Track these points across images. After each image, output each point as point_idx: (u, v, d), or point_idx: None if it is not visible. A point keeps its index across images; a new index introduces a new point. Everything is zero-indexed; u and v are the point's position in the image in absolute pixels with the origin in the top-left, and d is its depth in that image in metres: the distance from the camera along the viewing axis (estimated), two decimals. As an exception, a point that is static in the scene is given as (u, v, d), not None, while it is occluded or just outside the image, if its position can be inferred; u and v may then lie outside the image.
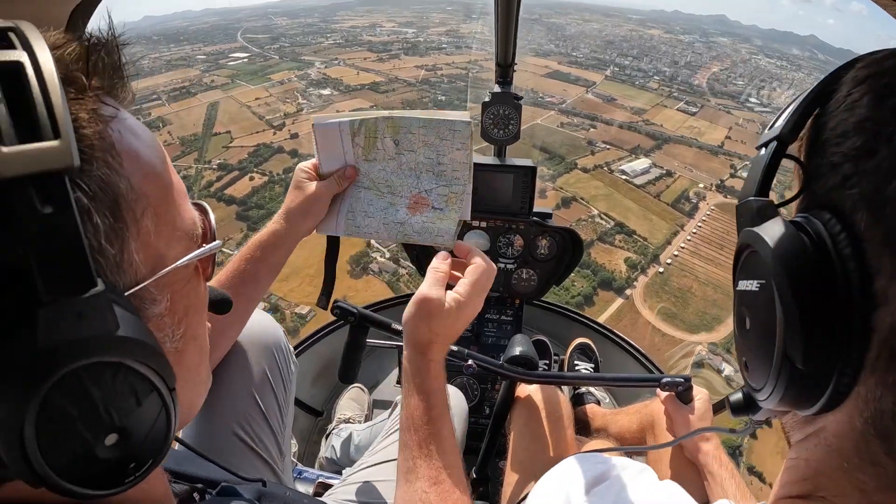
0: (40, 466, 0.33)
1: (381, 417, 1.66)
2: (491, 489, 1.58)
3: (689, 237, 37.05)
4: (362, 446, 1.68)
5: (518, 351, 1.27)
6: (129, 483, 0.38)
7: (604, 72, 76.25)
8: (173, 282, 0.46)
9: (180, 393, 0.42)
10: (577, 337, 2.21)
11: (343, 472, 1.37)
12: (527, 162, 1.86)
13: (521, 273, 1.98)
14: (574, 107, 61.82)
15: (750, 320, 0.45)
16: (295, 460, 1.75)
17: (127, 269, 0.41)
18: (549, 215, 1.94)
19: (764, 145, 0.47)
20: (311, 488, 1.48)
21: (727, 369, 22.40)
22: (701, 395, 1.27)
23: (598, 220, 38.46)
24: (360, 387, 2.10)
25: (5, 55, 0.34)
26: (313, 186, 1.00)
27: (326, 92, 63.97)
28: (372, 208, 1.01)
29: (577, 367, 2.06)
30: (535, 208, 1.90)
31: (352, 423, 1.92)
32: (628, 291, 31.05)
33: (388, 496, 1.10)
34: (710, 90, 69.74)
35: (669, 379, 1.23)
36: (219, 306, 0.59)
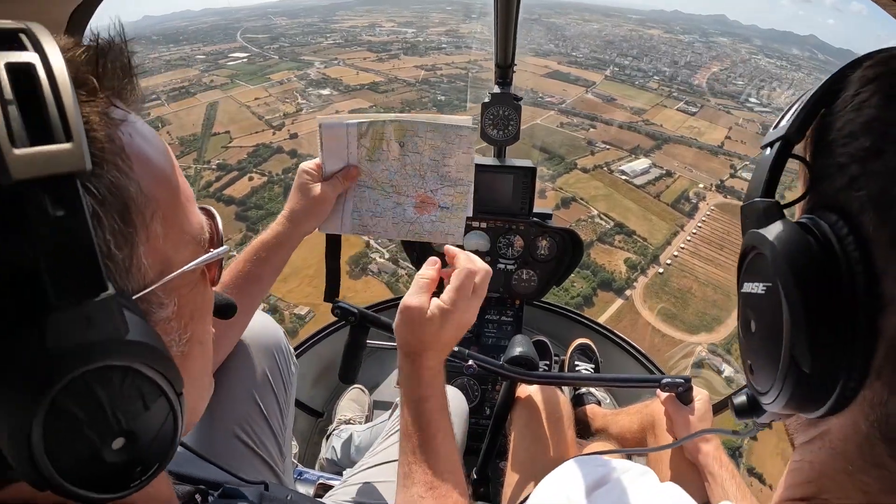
0: (47, 469, 0.33)
1: (382, 418, 1.66)
2: (492, 490, 1.58)
3: (688, 237, 37.01)
4: (363, 447, 1.68)
5: (518, 351, 1.27)
6: (135, 486, 0.38)
7: (603, 72, 76.24)
8: (180, 286, 0.46)
9: (185, 397, 0.42)
10: (578, 337, 2.21)
11: (343, 473, 1.37)
12: (527, 162, 1.86)
13: (521, 274, 1.98)
14: (574, 107, 61.80)
15: (755, 323, 0.45)
16: (295, 461, 1.75)
17: (135, 273, 0.41)
18: (549, 216, 1.95)
19: (769, 145, 0.46)
20: (311, 489, 1.48)
21: (727, 370, 22.39)
22: (701, 396, 1.27)
23: (597, 220, 38.42)
24: (360, 388, 2.10)
25: (17, 56, 0.33)
26: (318, 188, 1.00)
27: (326, 92, 63.92)
28: (379, 208, 1.04)
29: (577, 368, 2.06)
30: (534, 209, 1.91)
31: (352, 424, 1.92)
32: (628, 292, 31.02)
33: (388, 497, 1.10)
34: (710, 90, 69.77)
35: (670, 380, 1.23)
36: (223, 311, 0.59)
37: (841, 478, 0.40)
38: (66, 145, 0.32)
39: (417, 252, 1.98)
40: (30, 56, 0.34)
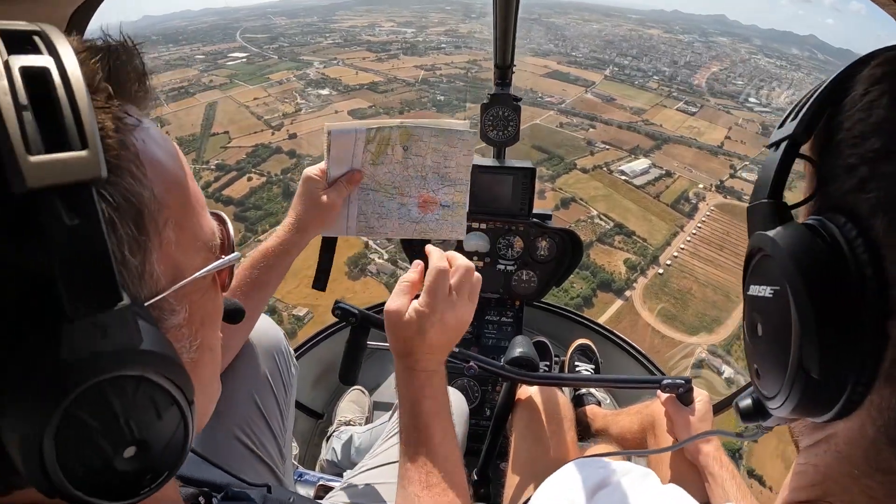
0: (57, 477, 0.33)
1: (382, 420, 1.66)
2: (492, 491, 1.57)
3: (688, 238, 37.03)
4: (363, 448, 1.68)
5: (519, 352, 1.27)
6: (145, 494, 0.38)
7: (603, 71, 76.30)
8: (192, 292, 0.46)
9: (195, 403, 0.42)
10: (578, 338, 2.21)
11: (344, 474, 1.37)
12: (526, 163, 1.86)
13: (520, 274, 1.98)
14: (573, 107, 61.86)
15: (762, 327, 0.44)
16: (296, 463, 1.75)
17: (148, 280, 0.40)
18: (548, 216, 1.95)
19: (775, 144, 0.45)
20: (311, 491, 1.48)
21: (727, 371, 22.42)
22: (701, 397, 1.27)
23: (597, 220, 38.45)
24: (360, 389, 2.10)
25: (32, 60, 0.33)
26: (325, 196, 1.01)
27: (325, 92, 63.87)
28: (384, 209, 1.07)
29: (577, 369, 2.06)
30: (534, 209, 1.91)
31: (352, 425, 1.92)
32: (627, 293, 31.03)
33: (388, 498, 1.10)
34: (710, 90, 69.81)
35: (670, 380, 1.24)
36: (232, 316, 0.59)
37: (846, 482, 0.40)
38: (82, 153, 0.32)
39: (416, 252, 1.97)
40: (44, 60, 0.33)
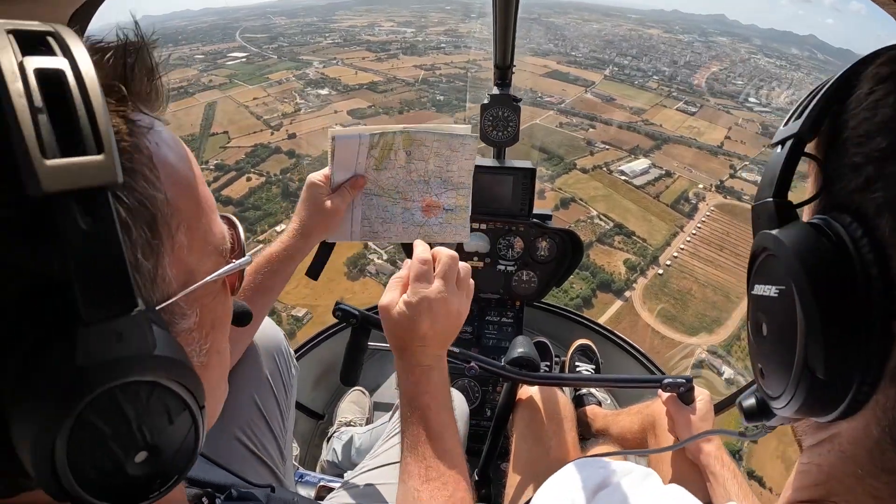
0: (68, 481, 0.33)
1: (382, 420, 1.66)
2: (493, 491, 1.58)
3: (688, 238, 36.95)
4: (363, 449, 1.68)
5: (519, 352, 1.27)
6: (154, 498, 0.38)
7: (603, 71, 76.27)
8: (202, 296, 0.46)
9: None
10: (578, 338, 2.21)
11: (344, 475, 1.37)
12: (526, 164, 1.86)
13: (521, 275, 1.98)
14: (573, 107, 61.78)
15: (767, 326, 0.44)
16: (296, 464, 1.75)
17: (160, 283, 0.40)
18: (548, 217, 1.95)
19: (780, 143, 0.45)
20: (312, 491, 1.49)
21: (727, 372, 22.40)
22: (702, 396, 1.27)
23: (597, 221, 38.36)
24: (361, 390, 2.10)
25: (46, 62, 0.32)
26: (329, 202, 1.01)
27: (324, 92, 63.76)
28: (388, 213, 1.07)
29: (578, 369, 2.06)
30: (534, 210, 1.91)
31: (353, 426, 1.92)
32: (627, 293, 30.96)
33: (389, 499, 1.09)
34: (710, 90, 69.77)
35: (671, 380, 1.23)
36: (240, 318, 0.59)
37: (850, 482, 0.40)
38: (98, 157, 0.32)
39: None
40: (59, 62, 0.33)
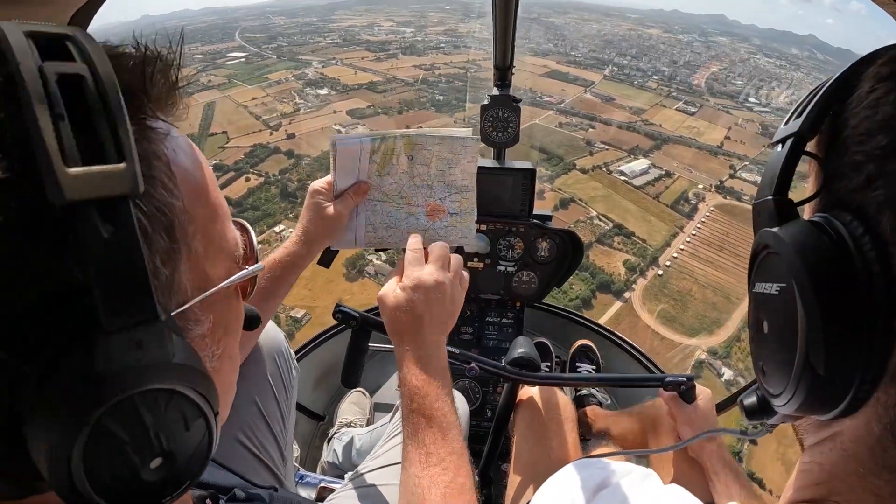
0: (83, 486, 0.33)
1: (383, 421, 1.66)
2: (494, 492, 1.58)
3: (688, 239, 36.95)
4: (364, 450, 1.67)
5: (520, 353, 1.27)
6: (165, 502, 0.38)
7: (602, 71, 76.31)
8: (215, 302, 0.46)
9: None
10: (579, 339, 2.21)
11: (345, 476, 1.37)
12: (526, 164, 1.86)
13: (521, 276, 1.98)
14: (572, 107, 61.80)
15: (768, 324, 0.44)
16: (297, 465, 1.75)
17: (176, 290, 0.40)
18: (548, 217, 1.95)
19: (781, 142, 0.45)
20: (313, 493, 1.48)
21: (727, 373, 22.41)
22: (704, 394, 1.26)
23: (596, 221, 38.35)
24: (361, 391, 2.10)
25: (66, 67, 0.32)
26: (332, 208, 1.01)
27: (323, 92, 63.71)
28: (392, 219, 1.07)
29: (578, 369, 2.06)
30: (534, 210, 1.91)
31: (353, 427, 1.92)
32: (627, 294, 30.94)
33: (391, 499, 1.09)
34: (709, 90, 69.82)
35: (672, 378, 1.23)
36: (249, 322, 0.59)
37: (852, 480, 0.40)
38: (120, 166, 0.32)
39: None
40: (79, 67, 0.32)
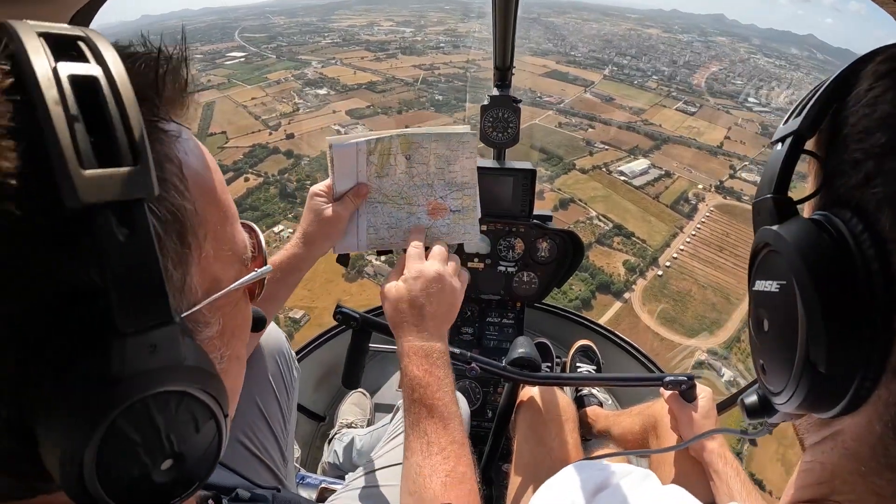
0: (94, 487, 0.33)
1: (384, 422, 1.66)
2: (495, 493, 1.58)
3: (688, 239, 36.95)
4: (364, 451, 1.68)
5: (520, 352, 1.27)
6: (174, 503, 0.38)
7: (602, 71, 76.32)
8: (224, 304, 0.46)
9: None
10: (579, 339, 2.21)
11: (346, 477, 1.37)
12: (526, 165, 1.86)
13: (521, 276, 1.98)
14: (572, 106, 61.81)
15: (768, 322, 0.44)
16: (298, 466, 1.75)
17: (187, 293, 0.40)
18: (549, 218, 1.94)
19: (780, 140, 0.45)
20: (314, 493, 1.48)
21: (727, 374, 22.40)
22: (704, 394, 1.26)
23: (596, 222, 38.34)
24: (361, 391, 2.10)
25: (80, 68, 0.32)
26: (330, 209, 1.01)
27: (323, 92, 63.68)
28: (394, 219, 1.06)
29: (579, 369, 2.06)
30: (534, 211, 1.91)
31: (354, 427, 1.92)
32: (627, 295, 30.92)
33: (391, 499, 1.10)
34: (709, 90, 69.84)
35: (672, 377, 1.23)
36: (257, 324, 0.59)
37: (853, 479, 0.39)
38: (135, 168, 0.31)
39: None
40: (92, 69, 0.32)
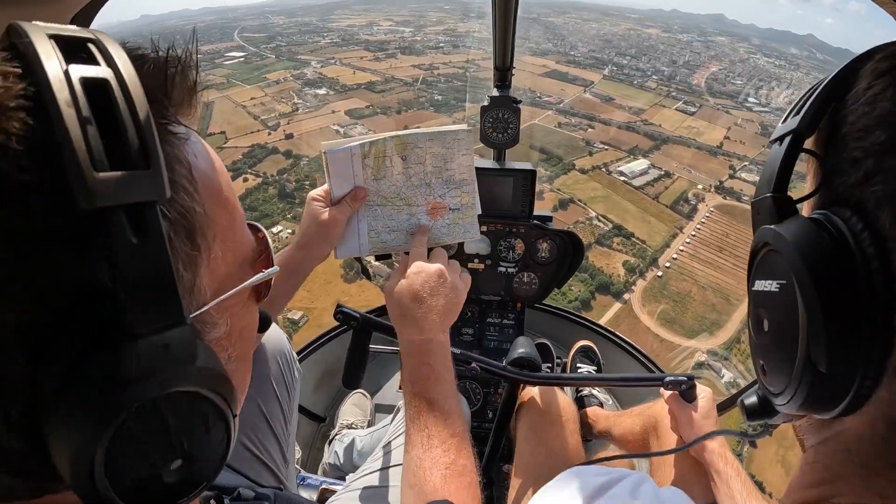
0: (104, 486, 0.33)
1: (384, 423, 1.66)
2: (496, 493, 1.58)
3: (687, 240, 36.92)
4: (365, 452, 1.68)
5: (520, 353, 1.27)
6: (182, 503, 0.38)
7: (602, 71, 76.33)
8: (231, 305, 0.46)
9: None
10: (580, 339, 2.21)
11: (346, 477, 1.37)
12: (526, 165, 1.86)
13: (522, 277, 1.98)
14: (572, 106, 61.78)
15: (768, 322, 0.44)
16: (298, 467, 1.75)
17: (196, 294, 0.40)
18: (549, 218, 1.94)
19: (779, 139, 0.45)
20: (315, 494, 1.49)
21: (727, 374, 22.39)
22: (704, 394, 1.26)
23: (595, 222, 38.30)
24: (362, 392, 2.10)
25: (91, 71, 0.32)
26: (327, 213, 1.01)
27: (322, 91, 63.62)
28: (394, 222, 1.06)
29: (579, 370, 2.06)
30: (534, 211, 1.91)
31: (354, 428, 1.92)
32: (626, 296, 30.88)
33: (392, 500, 1.10)
34: (709, 90, 69.83)
35: (673, 378, 1.23)
36: (261, 324, 0.59)
37: (855, 479, 0.39)
38: (147, 171, 0.32)
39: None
40: (103, 71, 0.32)
